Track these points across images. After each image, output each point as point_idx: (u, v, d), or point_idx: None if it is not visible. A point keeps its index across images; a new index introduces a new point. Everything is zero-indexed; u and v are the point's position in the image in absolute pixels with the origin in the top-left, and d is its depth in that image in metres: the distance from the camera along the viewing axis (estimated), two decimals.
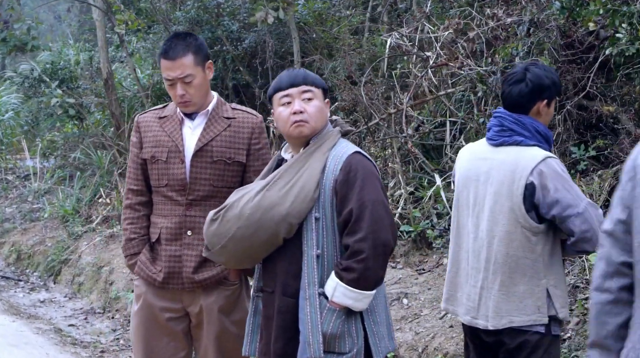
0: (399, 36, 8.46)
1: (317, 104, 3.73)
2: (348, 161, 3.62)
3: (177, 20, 11.65)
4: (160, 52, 4.24)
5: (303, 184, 3.63)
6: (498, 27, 7.80)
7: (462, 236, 4.10)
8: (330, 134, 3.75)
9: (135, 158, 4.39)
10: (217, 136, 4.26)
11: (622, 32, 6.56)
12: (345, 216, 3.57)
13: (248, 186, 3.87)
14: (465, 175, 4.08)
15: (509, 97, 3.98)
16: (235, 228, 3.69)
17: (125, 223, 4.39)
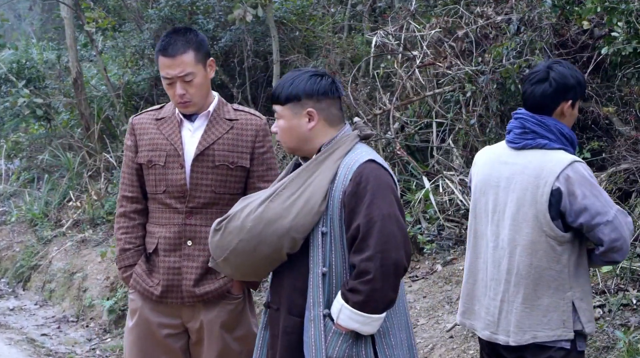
0: (384, 35, 8.22)
1: (281, 125, 3.49)
2: (359, 170, 3.33)
3: (149, 19, 11.32)
4: (158, 48, 3.95)
5: (309, 195, 3.36)
6: (487, 26, 7.61)
7: (480, 245, 3.86)
8: (346, 140, 3.45)
9: (130, 162, 4.10)
10: (219, 139, 3.99)
11: (618, 31, 6.39)
12: (353, 233, 3.30)
13: (253, 194, 3.60)
14: (483, 180, 3.84)
15: (531, 98, 3.74)
16: (237, 241, 3.44)
17: (119, 232, 4.10)
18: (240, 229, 3.42)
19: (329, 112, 3.46)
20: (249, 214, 3.42)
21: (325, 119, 3.46)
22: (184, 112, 4.01)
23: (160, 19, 11.12)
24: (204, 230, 3.96)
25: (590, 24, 6.80)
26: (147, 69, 11.51)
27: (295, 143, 3.48)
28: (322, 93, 3.43)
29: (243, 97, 10.42)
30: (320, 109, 3.44)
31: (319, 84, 3.43)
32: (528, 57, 6.88)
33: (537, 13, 7.19)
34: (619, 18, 6.31)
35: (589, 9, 6.46)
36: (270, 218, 3.37)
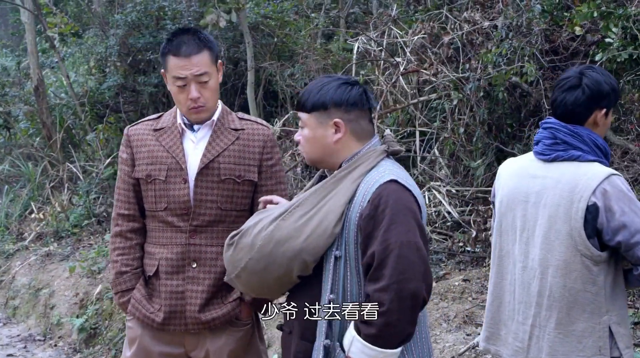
0: (366, 40, 7.96)
1: (305, 134, 3.19)
2: (378, 191, 3.00)
3: (115, 24, 10.96)
4: (167, 49, 3.62)
5: (323, 216, 3.06)
6: (474, 32, 7.39)
7: (506, 265, 3.59)
8: (370, 155, 3.12)
9: (126, 177, 3.77)
10: (225, 151, 3.68)
11: (612, 36, 6.21)
12: (368, 260, 2.99)
13: (269, 209, 3.29)
14: (510, 195, 3.57)
15: (563, 106, 3.48)
16: (247, 259, 3.15)
17: (115, 253, 3.76)
18: (251, 247, 3.14)
19: (357, 124, 3.15)
20: (260, 232, 3.14)
21: (353, 132, 3.14)
22: (196, 120, 3.70)
23: (126, 25, 10.78)
24: (209, 250, 3.67)
25: (582, 29, 6.62)
26: (113, 76, 11.12)
27: (319, 155, 3.19)
28: (352, 103, 3.11)
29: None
30: (348, 121, 3.13)
31: (348, 93, 3.12)
32: (520, 64, 6.66)
33: (525, 19, 6.99)
34: (615, 23, 6.13)
35: (584, 13, 6.28)
36: (280, 238, 3.08)
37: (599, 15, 6.19)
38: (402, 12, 8.38)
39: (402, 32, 8.00)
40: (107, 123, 11.60)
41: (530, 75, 6.63)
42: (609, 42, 6.18)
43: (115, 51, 10.87)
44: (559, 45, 6.85)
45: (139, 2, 10.61)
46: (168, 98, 11.36)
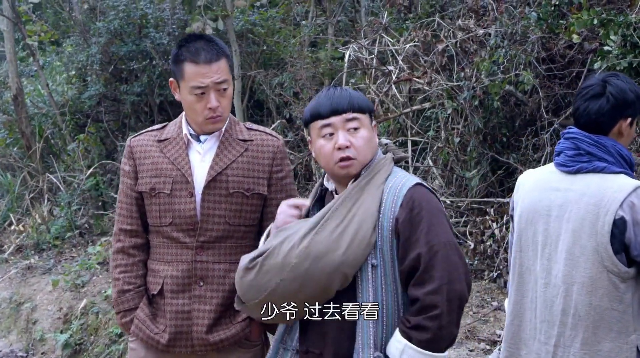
0: (357, 48, 7.81)
1: (365, 135, 3.06)
2: (409, 195, 2.98)
3: (96, 32, 10.75)
4: (184, 56, 3.44)
5: (358, 225, 2.97)
6: (468, 39, 7.27)
7: (526, 282, 3.43)
8: (384, 163, 3.09)
9: (129, 190, 3.58)
10: (233, 163, 3.51)
11: (610, 44, 6.10)
12: (412, 263, 2.92)
13: (290, 226, 3.13)
14: (531, 208, 3.41)
15: (586, 115, 3.34)
16: (278, 280, 2.99)
17: (117, 271, 3.57)
18: (282, 267, 2.98)
19: None
20: (292, 250, 2.98)
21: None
22: (211, 130, 3.53)
23: (108, 33, 10.58)
24: (217, 267, 3.50)
25: (580, 37, 6.51)
26: (94, 84, 10.91)
27: (370, 158, 3.10)
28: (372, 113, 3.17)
29: None
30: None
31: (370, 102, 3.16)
32: (518, 72, 6.55)
33: (521, 26, 6.89)
34: (615, 31, 6.03)
35: (584, 21, 6.17)
36: (318, 253, 2.95)
37: (599, 23, 6.08)
38: (393, 19, 8.24)
39: (393, 40, 7.86)
40: (88, 133, 11.39)
41: (528, 83, 6.52)
42: (608, 50, 6.08)
43: (97, 59, 10.66)
44: (555, 53, 6.75)
45: (121, 10, 10.40)
46: (150, 107, 11.18)
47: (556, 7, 6.78)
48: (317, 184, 3.27)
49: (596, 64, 6.14)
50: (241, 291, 3.10)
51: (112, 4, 10.52)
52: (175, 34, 10.38)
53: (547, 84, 6.75)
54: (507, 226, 6.52)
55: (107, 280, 8.50)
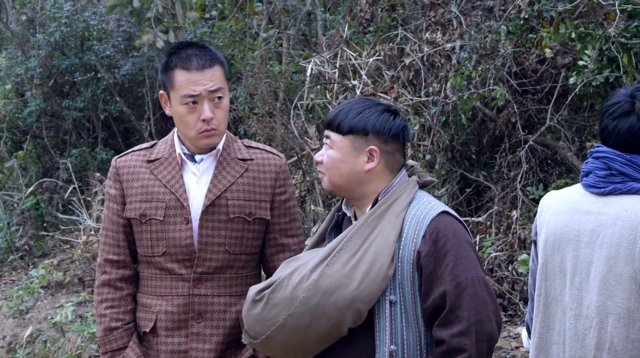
0: (319, 62, 7.54)
1: (333, 155, 2.84)
2: (434, 225, 2.73)
3: (36, 44, 10.29)
4: (174, 63, 3.12)
5: (373, 257, 2.71)
6: (435, 53, 7.06)
7: (553, 313, 3.16)
8: (406, 187, 2.84)
9: (115, 216, 3.23)
10: (232, 185, 3.18)
11: (585, 59, 5.94)
12: (436, 301, 2.68)
13: (300, 257, 2.88)
14: (557, 233, 3.14)
15: (615, 135, 3.09)
16: (285, 316, 2.74)
17: (103, 306, 3.20)
18: (290, 301, 2.73)
19: (392, 156, 2.86)
20: (301, 283, 2.73)
21: (387, 164, 2.86)
22: (205, 146, 3.19)
23: (49, 45, 10.14)
24: (217, 300, 3.17)
25: (552, 51, 6.34)
26: (34, 99, 10.42)
27: (343, 181, 2.84)
28: (393, 135, 2.83)
29: (149, 132, 9.53)
30: (384, 152, 2.83)
31: (391, 124, 2.83)
32: (491, 87, 6.35)
33: (490, 40, 6.70)
34: (593, 45, 5.87)
35: (561, 34, 5.99)
36: (329, 287, 2.71)
37: (577, 37, 5.91)
38: (354, 33, 8.00)
39: (355, 54, 7.61)
40: (26, 150, 10.90)
41: (501, 99, 6.33)
42: (582, 65, 5.91)
43: (38, 73, 10.20)
44: (526, 68, 6.58)
45: (63, 22, 9.96)
46: (93, 123, 10.75)
47: (525, 21, 6.61)
48: (334, 209, 3.01)
49: (571, 79, 5.97)
50: (248, 324, 2.84)
51: (54, 16, 10.08)
52: (121, 46, 9.99)
53: (519, 99, 6.56)
54: (480, 246, 6.32)
55: (53, 305, 8.06)
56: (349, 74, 7.60)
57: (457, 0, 7.34)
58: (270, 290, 2.77)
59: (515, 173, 6.34)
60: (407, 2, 8.00)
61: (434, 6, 7.52)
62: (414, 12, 7.99)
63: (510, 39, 6.63)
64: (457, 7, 7.19)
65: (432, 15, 7.48)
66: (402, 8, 7.93)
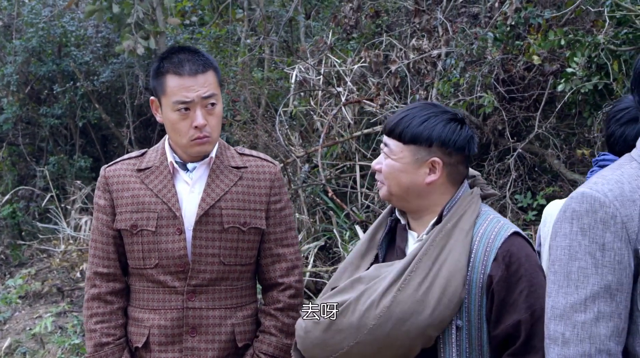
0: (303, 69, 7.44)
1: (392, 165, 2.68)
2: (506, 248, 2.57)
3: (13, 51, 10.12)
4: (165, 68, 3.01)
5: (445, 281, 2.55)
6: (421, 60, 6.98)
7: None
8: (470, 201, 2.68)
9: (105, 228, 3.11)
10: (226, 194, 3.07)
11: (573, 66, 5.89)
12: (508, 330, 2.53)
13: (367, 276, 2.68)
14: None
15: (622, 142, 3.02)
16: (353, 343, 2.56)
17: (93, 321, 3.08)
18: (358, 328, 2.55)
19: (456, 169, 2.69)
20: (370, 309, 2.55)
21: (449, 176, 2.68)
22: (198, 154, 3.09)
23: (26, 51, 9.97)
24: (211, 314, 3.06)
25: (540, 58, 6.29)
26: (11, 106, 10.24)
27: (403, 192, 2.68)
28: (459, 147, 2.65)
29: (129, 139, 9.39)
30: (448, 164, 2.66)
31: (458, 135, 2.65)
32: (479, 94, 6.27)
33: (477, 47, 6.63)
34: (582, 52, 5.81)
35: (550, 41, 5.93)
36: (402, 315, 2.53)
37: (566, 44, 5.85)
38: (337, 39, 7.91)
39: (339, 61, 7.52)
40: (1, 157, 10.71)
41: (489, 106, 6.26)
42: (571, 72, 5.86)
43: (15, 80, 10.02)
44: (514, 75, 6.51)
45: (41, 28, 9.80)
46: (70, 131, 10.58)
47: (512, 28, 6.55)
48: (386, 214, 2.85)
49: (560, 87, 5.92)
50: (303, 346, 2.68)
51: (31, 22, 9.91)
52: (100, 52, 9.85)
53: (506, 106, 6.50)
54: None
55: (32, 316, 7.89)
56: (333, 80, 7.51)
57: (442, 6, 7.28)
58: (337, 313, 2.60)
59: (504, 181, 6.27)
60: (391, 9, 7.92)
61: (419, 13, 7.45)
62: (398, 18, 7.92)
63: (498, 45, 6.57)
64: (442, 14, 7.12)
65: (416, 22, 7.41)
66: (386, 14, 7.85)
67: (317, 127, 7.72)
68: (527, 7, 6.33)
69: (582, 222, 2.08)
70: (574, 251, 2.09)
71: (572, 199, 2.12)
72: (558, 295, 2.11)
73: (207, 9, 10.24)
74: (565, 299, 2.10)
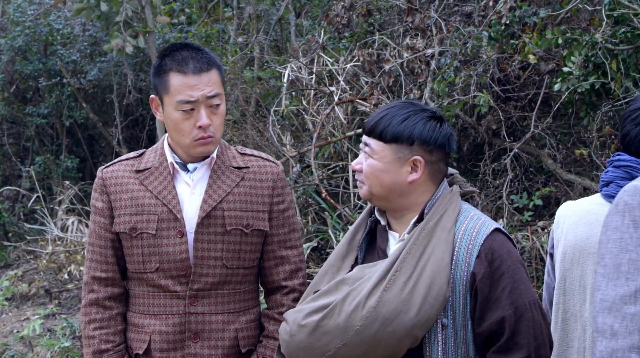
0: (295, 68, 7.36)
1: (373, 164, 2.68)
2: (488, 245, 2.59)
3: None
4: (169, 66, 2.92)
5: (430, 280, 2.55)
6: (415, 59, 6.91)
7: (572, 330, 3.01)
8: (451, 199, 2.68)
9: (103, 231, 3.01)
10: (229, 195, 2.99)
11: (570, 65, 5.83)
12: (493, 327, 2.54)
13: (348, 277, 2.68)
14: (577, 246, 2.98)
15: (638, 142, 2.94)
16: (340, 345, 2.55)
17: (91, 327, 2.98)
18: (345, 330, 2.54)
19: (437, 167, 2.71)
20: (356, 310, 2.55)
21: (430, 174, 2.69)
22: (201, 154, 3.00)
23: (11, 50, 9.84)
24: (214, 319, 2.98)
25: (536, 57, 6.22)
26: None
27: (385, 192, 2.68)
28: (439, 144, 2.67)
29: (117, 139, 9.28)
30: (429, 162, 2.67)
31: (438, 132, 2.67)
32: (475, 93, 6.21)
33: (471, 46, 6.56)
34: (579, 51, 5.75)
35: (548, 40, 5.87)
36: (388, 315, 2.53)
37: (564, 43, 5.79)
38: (329, 39, 7.82)
39: (332, 60, 7.44)
40: None
41: (484, 106, 6.19)
42: (567, 72, 5.80)
43: (0, 79, 9.90)
44: (509, 74, 6.45)
45: (27, 26, 9.67)
46: (56, 130, 10.46)
47: (507, 27, 6.48)
48: (365, 214, 2.83)
49: (556, 86, 5.86)
50: (288, 350, 2.65)
51: (17, 20, 9.78)
52: (87, 51, 9.73)
53: (502, 106, 6.43)
54: None
55: (19, 319, 7.77)
56: (325, 79, 7.43)
57: (435, 5, 7.21)
58: (321, 316, 2.58)
59: (500, 181, 6.20)
60: (383, 7, 7.84)
61: (411, 11, 7.38)
62: (391, 17, 7.84)
63: (492, 44, 6.50)
64: (435, 13, 7.05)
65: (409, 20, 7.34)
66: (378, 13, 7.77)
67: (309, 127, 7.65)
68: (522, 5, 6.27)
69: (633, 214, 2.05)
70: (625, 243, 2.07)
71: (624, 192, 2.09)
72: (607, 287, 2.09)
73: (195, 7, 10.15)
74: (614, 291, 2.07)
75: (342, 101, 7.15)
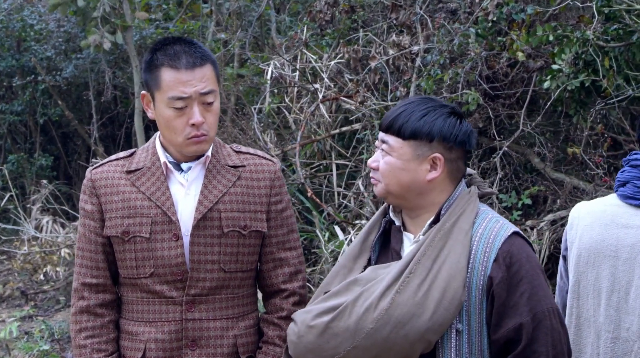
0: (279, 65, 7.22)
1: (391, 162, 2.58)
2: (506, 249, 2.51)
3: None
4: (160, 61, 2.77)
5: (445, 283, 2.47)
6: (401, 56, 6.80)
7: (585, 335, 2.90)
8: (468, 200, 2.60)
9: (93, 235, 2.86)
10: (225, 196, 2.86)
11: (559, 63, 5.74)
12: (510, 334, 2.47)
13: (361, 278, 2.60)
14: (592, 249, 2.87)
15: None
16: (349, 347, 2.48)
17: (82, 336, 2.84)
18: (355, 332, 2.47)
19: (456, 165, 2.63)
20: (368, 312, 2.47)
21: (449, 173, 2.62)
22: (194, 153, 2.86)
23: None
24: (212, 325, 2.85)
25: (524, 54, 6.13)
26: None
27: (402, 190, 2.60)
28: (459, 142, 2.59)
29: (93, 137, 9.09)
30: (448, 160, 2.60)
31: (458, 129, 2.59)
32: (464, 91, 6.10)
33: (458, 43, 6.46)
34: (570, 48, 5.66)
35: (538, 37, 5.78)
36: (400, 318, 2.45)
37: (554, 39, 5.70)
38: (312, 35, 7.70)
39: (315, 57, 7.32)
40: None
41: (472, 104, 6.08)
42: (558, 69, 5.71)
43: None
44: (497, 71, 6.35)
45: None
46: (29, 128, 10.26)
47: (494, 24, 6.39)
48: (379, 214, 2.73)
49: (545, 84, 5.77)
50: (296, 352, 2.57)
51: None
52: (63, 47, 9.54)
53: (490, 104, 6.33)
54: None
55: None
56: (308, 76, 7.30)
57: (419, 2, 7.10)
58: (331, 317, 2.50)
59: (490, 180, 6.11)
60: (366, 4, 7.72)
61: (396, 8, 7.26)
62: (374, 14, 7.73)
63: (480, 42, 6.41)
64: (420, 9, 6.94)
65: (393, 17, 7.23)
66: (362, 9, 7.65)
67: (291, 125, 7.52)
68: (509, 2, 6.18)
69: None
70: None
71: None
72: None
73: (172, 3, 9.99)
74: None
75: (326, 99, 7.03)
